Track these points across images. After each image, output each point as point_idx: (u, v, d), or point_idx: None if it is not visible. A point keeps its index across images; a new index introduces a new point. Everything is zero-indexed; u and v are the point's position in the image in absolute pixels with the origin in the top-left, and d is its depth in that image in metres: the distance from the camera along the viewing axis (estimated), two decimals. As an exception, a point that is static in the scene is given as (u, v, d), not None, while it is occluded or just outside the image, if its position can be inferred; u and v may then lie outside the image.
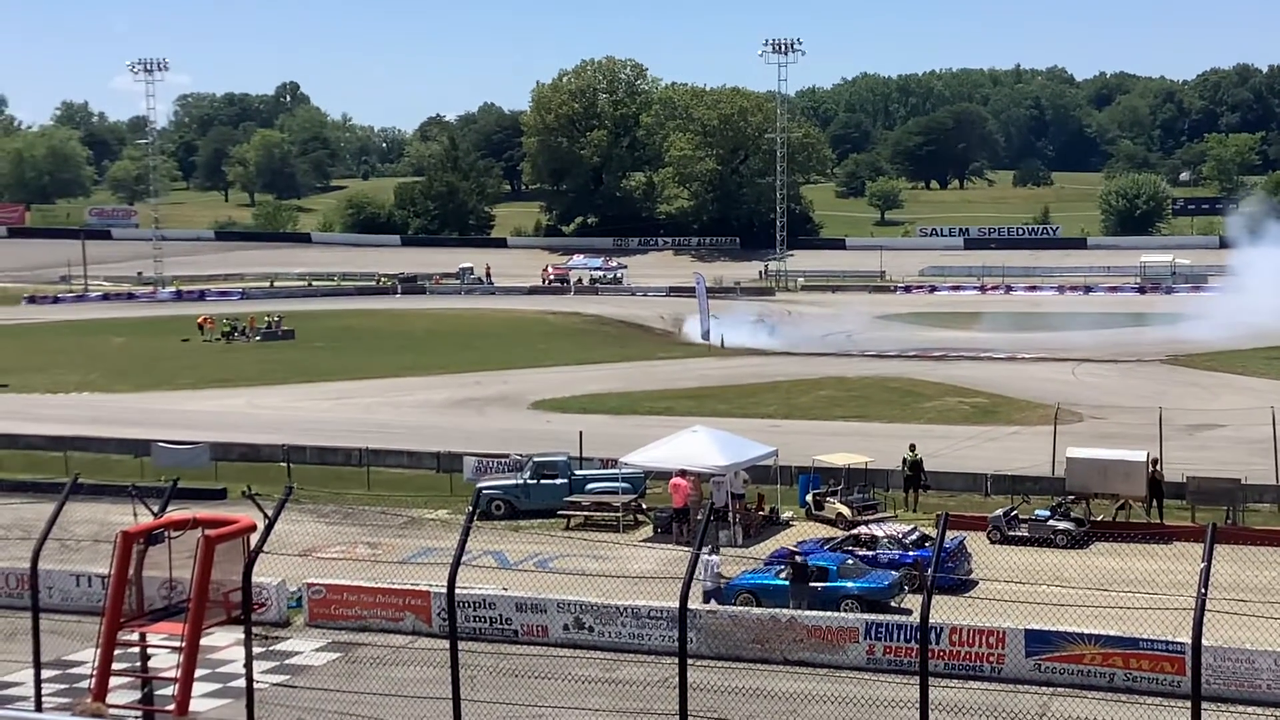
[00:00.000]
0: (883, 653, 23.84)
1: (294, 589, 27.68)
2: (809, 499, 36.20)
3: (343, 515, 36.83)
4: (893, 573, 28.15)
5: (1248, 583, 25.72)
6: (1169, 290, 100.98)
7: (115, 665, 17.00)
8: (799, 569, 27.41)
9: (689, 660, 17.21)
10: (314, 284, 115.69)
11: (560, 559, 31.56)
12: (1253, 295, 78.31)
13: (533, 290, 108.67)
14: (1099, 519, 33.96)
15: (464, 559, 17.93)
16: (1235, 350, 67.07)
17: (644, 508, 36.47)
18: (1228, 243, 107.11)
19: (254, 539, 17.52)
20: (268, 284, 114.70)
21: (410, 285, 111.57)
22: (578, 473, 37.92)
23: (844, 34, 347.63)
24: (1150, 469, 34.47)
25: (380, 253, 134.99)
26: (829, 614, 25.11)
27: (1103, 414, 48.81)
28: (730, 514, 33.63)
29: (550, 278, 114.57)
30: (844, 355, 71.27)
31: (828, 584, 27.13)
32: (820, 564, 27.75)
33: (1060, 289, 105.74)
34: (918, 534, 30.50)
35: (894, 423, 48.96)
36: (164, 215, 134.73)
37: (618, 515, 35.66)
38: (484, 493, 35.64)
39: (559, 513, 36.29)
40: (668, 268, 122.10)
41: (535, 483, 37.30)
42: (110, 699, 16.67)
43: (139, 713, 17.31)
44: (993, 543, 32.30)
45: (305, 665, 24.93)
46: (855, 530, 31.42)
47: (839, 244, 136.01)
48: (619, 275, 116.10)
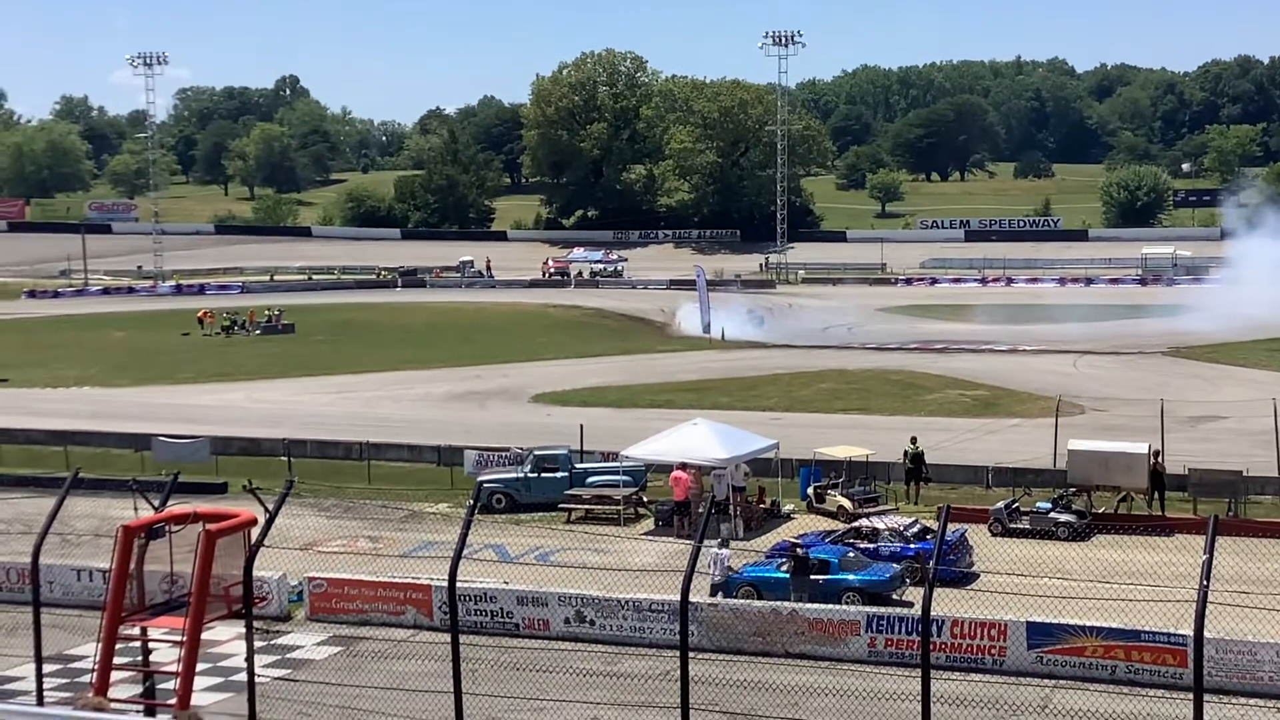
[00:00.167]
0: (884, 645, 23.80)
1: (295, 583, 27.68)
2: (810, 492, 36.17)
3: (343, 509, 36.83)
4: (894, 565, 28.13)
5: (1249, 575, 25.73)
6: (1170, 282, 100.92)
7: (116, 659, 16.97)
8: (800, 562, 27.40)
9: (690, 653, 17.19)
10: (314, 278, 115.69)
11: (561, 552, 31.54)
12: (1250, 287, 78.31)
13: (533, 283, 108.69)
14: (1100, 511, 33.94)
15: (465, 552, 17.91)
16: (1237, 342, 67.06)
17: (645, 501, 36.45)
18: (1226, 234, 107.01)
19: (255, 533, 17.49)
20: (268, 278, 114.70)
21: (410, 279, 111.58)
22: (578, 466, 37.91)
23: (844, 26, 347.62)
24: (1152, 461, 34.44)
25: (380, 246, 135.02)
26: (830, 607, 25.09)
27: (1104, 406, 48.76)
28: (731, 507, 33.61)
29: (550, 271, 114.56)
30: (845, 348, 71.25)
31: (829, 577, 27.11)
32: (821, 557, 27.73)
33: (1061, 281, 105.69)
34: (919, 527, 30.47)
35: (895, 415, 48.93)
36: (164, 209, 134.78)
37: (618, 508, 35.65)
38: (485, 486, 35.66)
39: (560, 506, 36.29)
40: (668, 261, 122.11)
41: (536, 476, 37.30)
42: (112, 693, 16.65)
43: (140, 707, 17.28)
44: (994, 535, 32.27)
45: (306, 659, 24.92)
46: (856, 523, 31.39)
47: (840, 236, 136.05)
48: (619, 268, 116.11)
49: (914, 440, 37.77)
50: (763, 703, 21.61)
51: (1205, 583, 15.01)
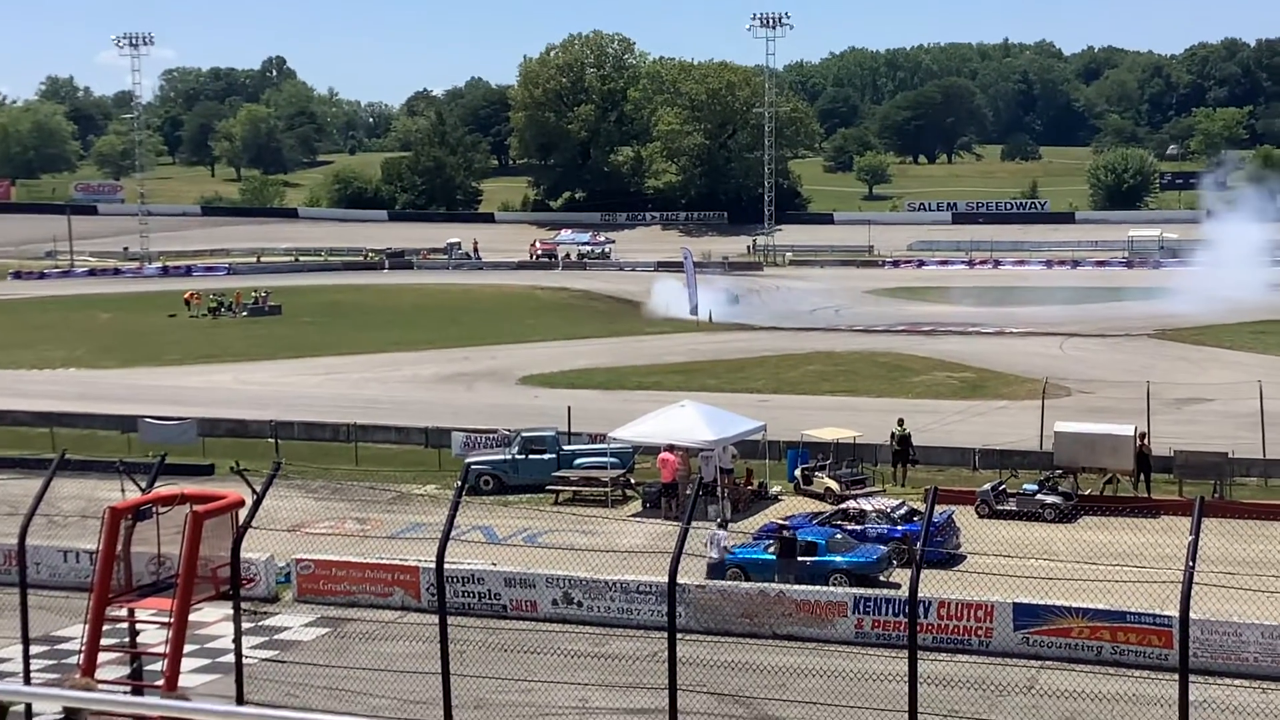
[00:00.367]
0: (871, 627, 23.89)
1: (282, 564, 27.67)
2: (797, 474, 36.23)
3: (331, 491, 36.79)
4: (881, 547, 28.21)
5: (1235, 556, 25.83)
6: (1157, 265, 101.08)
7: (104, 641, 16.97)
8: (786, 544, 27.46)
9: (678, 634, 17.22)
10: (301, 259, 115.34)
11: (549, 534, 31.57)
12: (1230, 269, 78.52)
13: (520, 265, 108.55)
14: (1087, 493, 34.04)
15: (453, 534, 17.93)
16: (1223, 324, 67.23)
17: (632, 483, 36.49)
18: (1204, 216, 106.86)
19: (242, 514, 17.49)
20: (254, 259, 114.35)
21: (398, 260, 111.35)
22: (566, 448, 37.92)
23: (832, 8, 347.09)
24: (1138, 443, 34.56)
25: (367, 228, 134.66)
26: (818, 588, 25.16)
27: (1090, 388, 48.89)
28: (719, 489, 33.66)
29: (538, 253, 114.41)
30: (832, 330, 71.29)
31: (816, 559, 27.17)
32: (809, 539, 27.79)
33: (1048, 263, 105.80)
34: (906, 508, 30.53)
35: (882, 397, 48.99)
36: (150, 190, 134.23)
37: (606, 490, 35.67)
38: (472, 468, 35.65)
39: (547, 488, 36.30)
40: (656, 243, 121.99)
41: (523, 458, 37.30)
42: (99, 674, 16.65)
43: (128, 688, 17.28)
44: (981, 517, 32.36)
45: (294, 640, 24.93)
46: (844, 505, 31.46)
47: (827, 219, 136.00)
48: (607, 250, 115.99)
49: (901, 422, 37.81)
50: (750, 684, 21.68)
51: (1191, 564, 15.09)
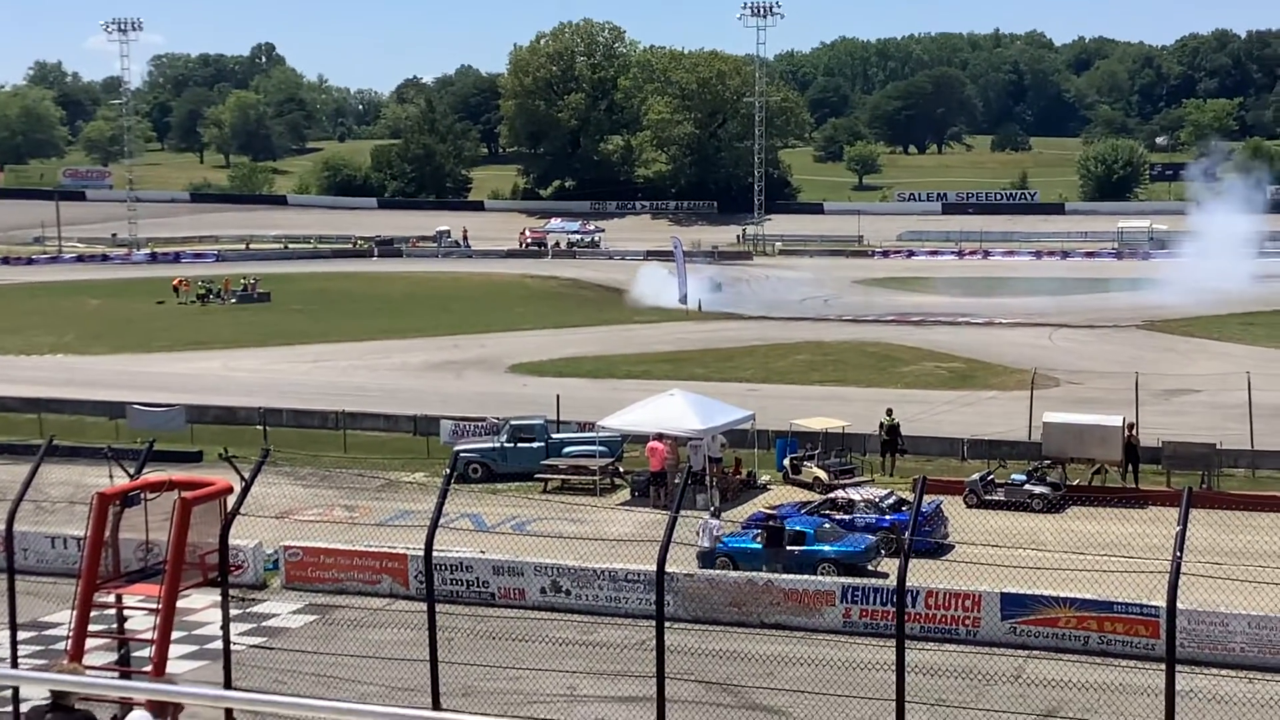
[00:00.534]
0: (859, 616, 23.92)
1: (271, 551, 27.64)
2: (786, 463, 36.27)
3: (319, 478, 36.76)
4: (869, 536, 28.24)
5: (1222, 546, 25.91)
6: (1146, 256, 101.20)
7: (91, 627, 16.93)
8: (773, 533, 27.50)
9: (666, 623, 17.23)
10: (290, 246, 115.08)
11: (537, 522, 31.56)
12: (1214, 260, 78.68)
13: (510, 253, 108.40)
14: (1075, 483, 34.12)
15: (441, 522, 17.91)
16: (1211, 316, 67.36)
17: (621, 471, 36.50)
18: (1190, 207, 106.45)
19: (231, 501, 17.45)
20: (243, 246, 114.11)
21: (387, 248, 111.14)
22: (555, 436, 37.94)
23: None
24: (1126, 434, 34.64)
25: (357, 215, 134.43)
26: (806, 578, 25.18)
27: (1079, 379, 48.98)
28: (707, 478, 33.68)
29: (527, 241, 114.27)
30: (822, 320, 71.34)
31: (805, 548, 27.20)
32: (797, 528, 27.81)
33: (1038, 254, 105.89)
34: (894, 498, 30.59)
35: (871, 387, 49.03)
36: (138, 176, 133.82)
37: (595, 479, 35.68)
38: (461, 456, 35.62)
39: (536, 476, 36.29)
40: (645, 231, 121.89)
41: (512, 446, 37.30)
42: (86, 660, 16.61)
43: (115, 674, 17.25)
44: (969, 507, 32.40)
45: (282, 627, 24.91)
46: (832, 494, 31.49)
47: (817, 208, 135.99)
48: (596, 239, 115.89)
49: (890, 412, 37.85)
50: (738, 672, 21.70)
51: (1178, 554, 15.12)
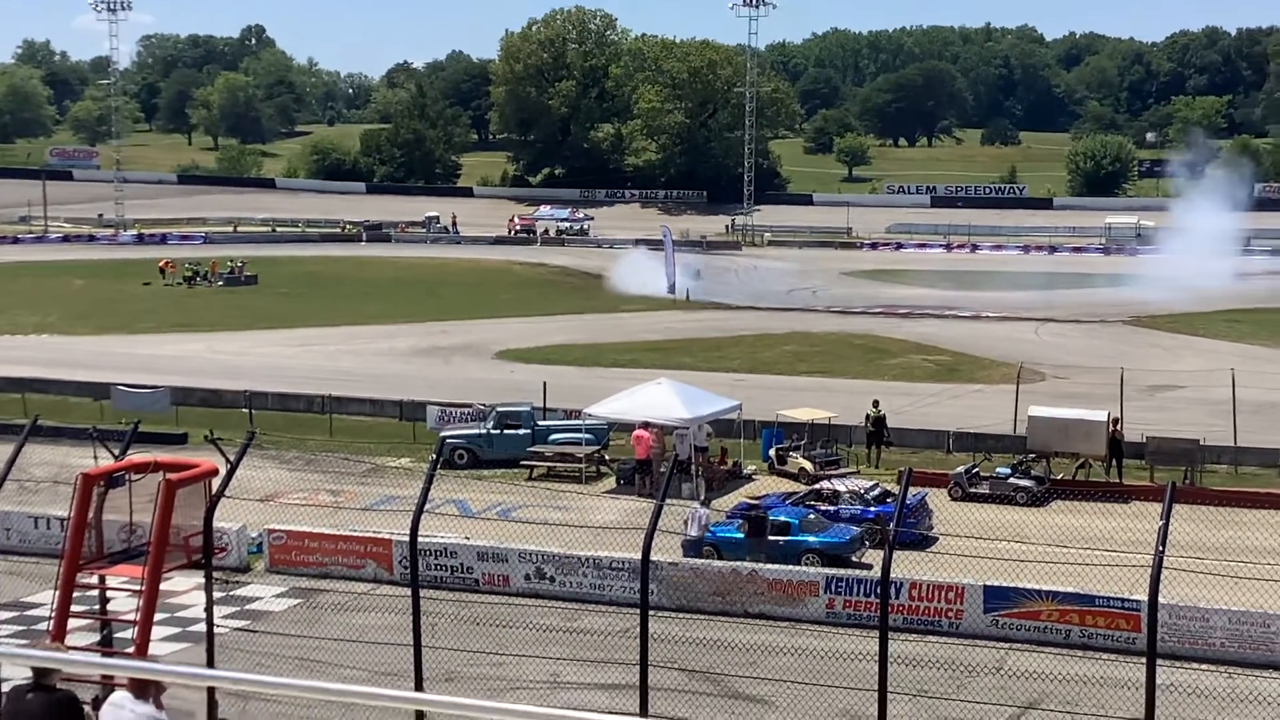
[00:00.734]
0: (842, 607, 23.99)
1: (255, 534, 27.62)
2: (772, 453, 36.32)
3: (305, 462, 36.73)
4: (854, 528, 28.31)
5: (1204, 542, 26.01)
6: (1133, 252, 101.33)
7: (74, 607, 16.89)
8: (755, 522, 27.54)
9: (650, 611, 17.25)
10: (278, 230, 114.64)
11: (522, 509, 31.58)
12: (1195, 257, 78.92)
13: (498, 240, 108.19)
14: (1059, 477, 34.23)
15: (426, 507, 17.90)
16: (1197, 312, 67.53)
17: (607, 459, 36.52)
18: (1172, 203, 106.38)
19: (216, 484, 17.42)
20: (231, 229, 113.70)
21: (375, 233, 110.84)
22: (541, 423, 37.95)
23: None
24: (1110, 429, 34.76)
25: (345, 200, 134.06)
26: (790, 568, 25.24)
27: (1065, 373, 49.06)
28: (693, 467, 33.72)
29: (516, 228, 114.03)
30: (809, 311, 71.38)
31: (789, 538, 27.25)
32: (782, 518, 27.86)
33: (1025, 249, 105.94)
34: (879, 490, 30.66)
35: (858, 379, 49.11)
36: (126, 157, 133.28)
37: (580, 466, 35.69)
38: (447, 442, 35.60)
39: (522, 463, 36.31)
40: (634, 220, 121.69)
41: (498, 432, 37.30)
42: (69, 641, 16.58)
43: (98, 654, 17.21)
44: (954, 499, 32.50)
45: (265, 611, 24.90)
46: (817, 485, 31.55)
47: (806, 200, 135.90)
48: (585, 227, 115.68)
49: (876, 404, 37.92)
50: (721, 661, 21.75)
51: (1161, 548, 15.17)
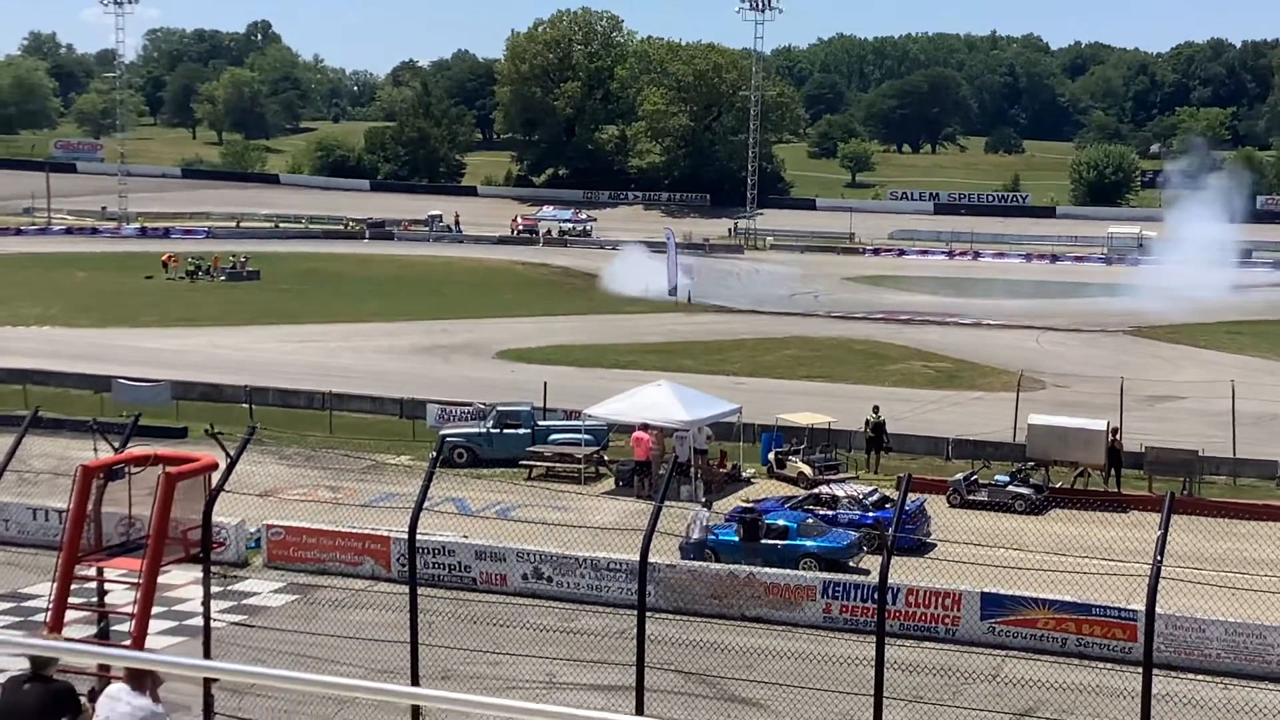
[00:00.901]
0: (839, 611, 23.99)
1: (253, 530, 27.63)
2: (771, 457, 36.33)
3: (304, 458, 36.74)
4: (852, 533, 28.32)
5: (1202, 553, 25.98)
6: (1135, 262, 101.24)
7: (71, 599, 16.90)
8: (750, 526, 27.55)
9: (647, 613, 17.25)
10: (281, 226, 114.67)
11: (521, 508, 31.59)
12: (1190, 268, 78.96)
13: (501, 240, 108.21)
14: (1058, 486, 34.24)
15: (425, 505, 17.91)
16: (1198, 323, 67.55)
17: (606, 460, 36.53)
18: (1169, 215, 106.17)
19: (215, 478, 17.42)
20: (234, 224, 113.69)
21: (378, 230, 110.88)
22: (541, 423, 37.96)
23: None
24: (1110, 438, 34.75)
25: (349, 197, 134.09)
26: (787, 572, 25.24)
27: (1065, 382, 49.09)
28: (692, 469, 33.73)
29: (519, 228, 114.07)
30: (810, 315, 71.40)
31: (787, 542, 27.25)
32: (780, 522, 27.87)
33: (1028, 257, 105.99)
34: (878, 495, 30.67)
35: (858, 384, 49.11)
36: (130, 150, 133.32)
37: (579, 467, 35.71)
38: (447, 440, 35.63)
39: (521, 462, 36.32)
40: (637, 222, 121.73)
41: (498, 432, 37.32)
42: (66, 633, 16.58)
43: (95, 645, 17.22)
44: (952, 506, 32.50)
45: (262, 606, 24.91)
46: (816, 490, 31.56)
47: (809, 204, 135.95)
48: (588, 228, 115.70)
49: (876, 409, 37.94)
50: (718, 664, 21.75)
51: (1159, 558, 15.17)
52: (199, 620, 18.28)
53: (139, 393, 41.90)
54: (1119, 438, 35.15)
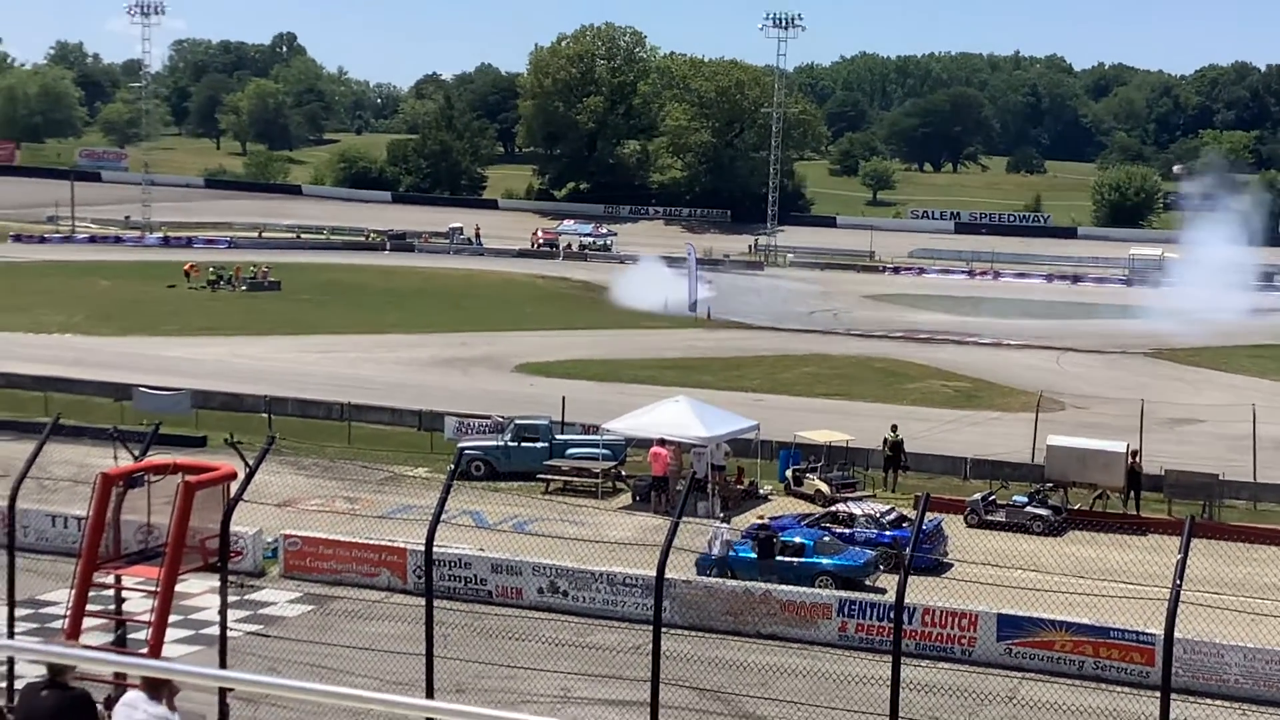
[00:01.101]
0: (855, 630, 23.94)
1: (271, 539, 27.68)
2: (788, 474, 36.28)
3: (323, 468, 36.82)
4: (868, 551, 28.25)
5: (1221, 577, 25.90)
6: (1157, 284, 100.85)
7: (89, 607, 16.95)
8: (765, 543, 27.51)
9: (662, 628, 17.23)
10: (302, 236, 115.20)
11: (537, 522, 31.58)
12: (1205, 290, 78.71)
13: (522, 253, 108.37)
14: (1076, 507, 34.10)
15: (442, 517, 17.93)
16: (1219, 346, 67.27)
17: (623, 475, 36.52)
18: (1186, 237, 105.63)
19: (234, 487, 17.47)
20: (256, 234, 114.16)
21: (399, 242, 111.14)
22: (559, 437, 37.98)
23: (845, 12, 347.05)
24: (1129, 460, 34.61)
25: (370, 208, 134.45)
26: (803, 589, 25.19)
27: (1085, 403, 48.93)
28: (710, 485, 33.69)
29: (540, 242, 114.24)
30: (830, 333, 71.33)
31: (803, 560, 27.21)
32: (797, 539, 27.82)
33: (1049, 277, 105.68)
34: (895, 514, 30.60)
35: (876, 402, 49.01)
36: (154, 160, 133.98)
37: (597, 481, 35.70)
38: (465, 453, 35.69)
39: (538, 476, 36.32)
40: (658, 237, 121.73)
41: (516, 445, 37.33)
42: (83, 640, 16.63)
43: (112, 653, 17.25)
44: (969, 526, 32.42)
45: (279, 616, 24.95)
46: (833, 507, 31.51)
47: (830, 221, 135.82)
48: (608, 242, 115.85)
49: (894, 428, 37.86)
50: (733, 681, 21.71)
51: (1178, 582, 15.09)
52: (215, 629, 18.31)
53: (159, 401, 42.05)
54: (1139, 460, 35.01)
